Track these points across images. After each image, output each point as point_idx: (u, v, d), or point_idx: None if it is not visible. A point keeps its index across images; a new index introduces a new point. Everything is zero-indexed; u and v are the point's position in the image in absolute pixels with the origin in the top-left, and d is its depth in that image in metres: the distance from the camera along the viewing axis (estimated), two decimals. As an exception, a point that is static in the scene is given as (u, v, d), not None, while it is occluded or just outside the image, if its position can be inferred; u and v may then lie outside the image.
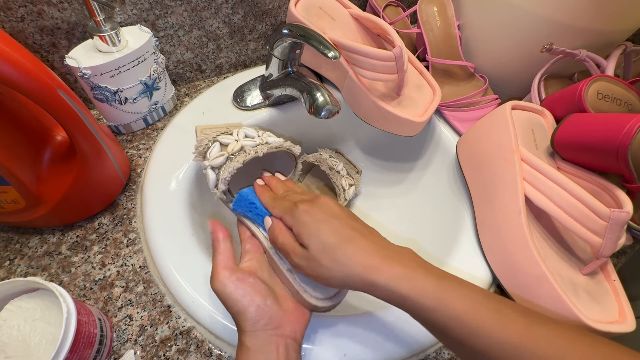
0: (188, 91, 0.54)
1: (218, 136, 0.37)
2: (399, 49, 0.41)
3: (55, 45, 0.43)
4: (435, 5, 0.57)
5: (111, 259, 0.38)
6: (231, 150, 0.35)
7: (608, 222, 0.33)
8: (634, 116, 0.33)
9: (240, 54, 0.57)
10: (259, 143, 0.36)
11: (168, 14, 0.47)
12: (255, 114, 0.50)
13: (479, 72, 0.56)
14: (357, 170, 0.58)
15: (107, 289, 0.36)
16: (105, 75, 0.41)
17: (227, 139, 0.36)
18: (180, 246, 0.38)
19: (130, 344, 0.33)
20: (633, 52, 0.48)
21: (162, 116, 0.50)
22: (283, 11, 0.55)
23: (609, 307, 0.35)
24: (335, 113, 0.40)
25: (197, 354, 0.33)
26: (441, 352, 0.35)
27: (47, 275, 0.37)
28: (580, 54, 0.45)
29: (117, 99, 0.44)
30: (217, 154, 0.35)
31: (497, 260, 0.40)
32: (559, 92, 0.44)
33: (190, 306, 0.35)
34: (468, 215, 0.45)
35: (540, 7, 0.45)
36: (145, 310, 0.35)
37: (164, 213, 0.40)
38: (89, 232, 0.40)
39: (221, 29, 0.52)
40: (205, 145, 0.36)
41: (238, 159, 0.34)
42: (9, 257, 0.38)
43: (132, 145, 0.47)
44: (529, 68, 0.51)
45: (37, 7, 0.40)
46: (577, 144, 0.38)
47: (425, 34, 0.56)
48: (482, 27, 0.54)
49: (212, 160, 0.35)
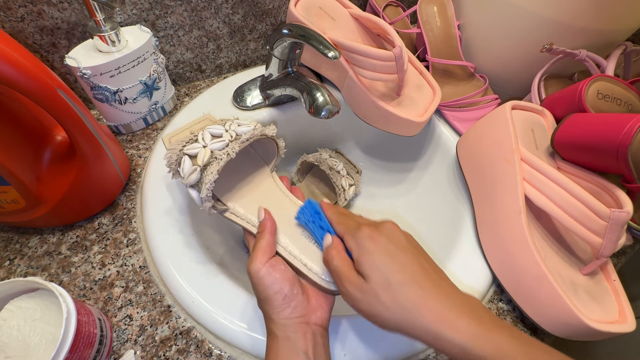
0: (188, 91, 0.54)
1: (184, 147, 0.33)
2: (399, 49, 0.41)
3: (55, 45, 0.43)
4: (435, 5, 0.57)
5: (111, 259, 0.38)
6: (201, 161, 0.31)
7: (608, 222, 0.33)
8: (634, 116, 0.33)
9: (240, 54, 0.57)
10: (228, 140, 0.33)
11: (168, 14, 0.47)
12: (255, 114, 0.50)
13: (479, 72, 0.56)
14: (357, 170, 0.58)
15: (107, 289, 0.36)
16: (105, 75, 0.41)
17: (193, 149, 0.33)
18: (180, 246, 0.38)
19: (130, 344, 0.33)
20: (633, 52, 0.48)
21: (162, 116, 0.50)
22: (283, 11, 0.55)
23: (609, 307, 0.35)
24: (335, 113, 0.40)
25: (197, 354, 0.33)
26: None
27: (47, 275, 0.37)
28: (580, 54, 0.45)
29: (117, 99, 0.44)
30: (190, 170, 0.32)
31: (497, 260, 0.40)
32: (559, 92, 0.44)
33: (190, 306, 0.35)
34: (468, 215, 0.45)
35: (540, 7, 0.45)
36: (145, 310, 0.35)
37: (163, 213, 0.40)
38: (89, 232, 0.40)
39: (221, 29, 0.52)
40: (175, 161, 0.33)
41: (211, 170, 0.31)
42: (8, 257, 0.38)
43: (132, 145, 0.47)
44: (529, 68, 0.51)
45: (37, 7, 0.40)
46: (577, 144, 0.38)
47: (425, 34, 0.56)
48: (482, 27, 0.54)
49: (187, 179, 0.32)
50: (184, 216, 0.40)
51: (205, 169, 0.32)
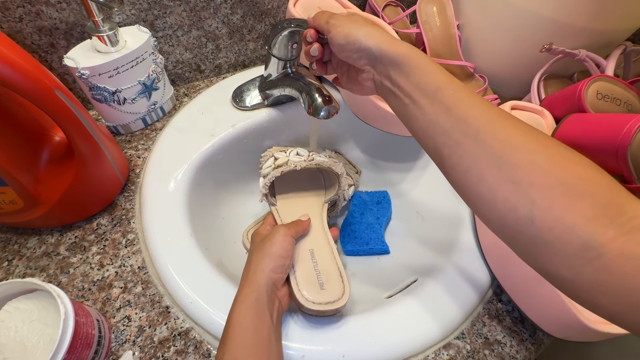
0: (187, 91, 0.54)
1: (275, 153, 0.44)
2: (398, 49, 0.41)
3: (53, 45, 0.43)
4: (434, 5, 0.56)
5: (110, 259, 0.38)
6: (278, 163, 0.42)
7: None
8: (633, 116, 0.33)
9: (239, 54, 0.57)
10: (305, 159, 0.42)
11: (167, 14, 0.47)
12: (254, 114, 0.50)
13: (478, 72, 0.56)
14: (357, 170, 0.57)
15: (105, 289, 0.36)
16: (103, 76, 0.41)
17: (280, 155, 0.43)
18: (179, 247, 0.38)
19: (129, 345, 0.33)
20: (633, 52, 0.48)
21: (160, 116, 0.50)
22: (282, 11, 0.55)
23: (609, 307, 0.35)
24: (335, 113, 0.40)
25: (196, 355, 0.33)
26: (440, 352, 0.35)
27: (46, 276, 0.36)
28: (580, 54, 0.45)
29: (115, 100, 0.44)
30: (268, 165, 0.43)
31: (496, 261, 0.39)
32: (559, 92, 0.44)
33: (188, 307, 0.35)
34: (467, 216, 0.45)
35: (540, 6, 0.45)
36: (143, 311, 0.35)
37: (162, 213, 0.40)
38: (87, 232, 0.40)
39: (220, 29, 0.52)
40: (266, 158, 0.45)
41: (279, 170, 0.41)
42: (7, 258, 0.37)
43: (131, 146, 0.47)
44: (528, 68, 0.51)
45: (35, 8, 0.40)
46: (576, 144, 0.38)
47: (424, 34, 0.56)
48: (482, 27, 0.54)
49: (263, 170, 0.43)
50: (183, 217, 0.40)
51: (276, 169, 0.41)
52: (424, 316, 0.36)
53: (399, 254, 0.50)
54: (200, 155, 0.45)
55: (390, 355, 0.34)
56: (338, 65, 0.36)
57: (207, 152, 0.46)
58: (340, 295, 0.35)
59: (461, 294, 0.38)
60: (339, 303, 0.34)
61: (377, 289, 0.44)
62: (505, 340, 0.37)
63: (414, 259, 0.47)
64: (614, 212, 0.19)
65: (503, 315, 0.38)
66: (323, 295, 0.34)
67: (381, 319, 0.36)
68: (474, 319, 0.38)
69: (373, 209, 0.52)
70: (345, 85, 0.36)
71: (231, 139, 0.48)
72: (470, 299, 0.38)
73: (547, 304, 0.34)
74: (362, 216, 0.52)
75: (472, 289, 0.39)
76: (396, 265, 0.48)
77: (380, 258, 0.50)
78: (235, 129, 0.48)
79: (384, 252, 0.50)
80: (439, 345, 0.36)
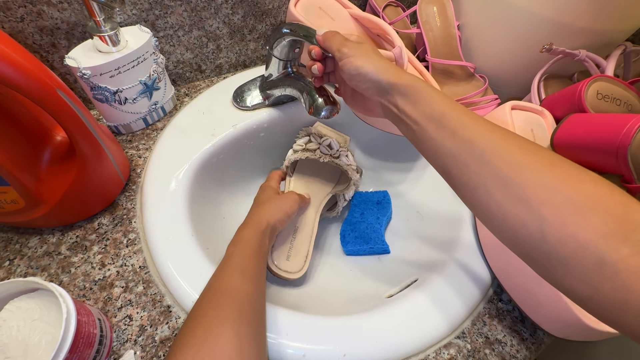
0: (188, 91, 0.54)
1: (313, 134, 0.48)
2: (398, 49, 0.41)
3: (55, 45, 0.43)
4: (435, 5, 0.57)
5: (111, 259, 0.38)
6: (309, 147, 0.47)
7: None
8: (633, 116, 0.33)
9: (240, 54, 0.57)
10: (331, 155, 0.47)
11: (168, 14, 0.47)
12: (255, 114, 0.50)
13: (478, 72, 0.56)
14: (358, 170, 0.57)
15: (106, 289, 0.36)
16: (105, 76, 0.41)
17: (314, 139, 0.48)
18: (180, 246, 0.38)
19: (130, 344, 0.33)
20: (633, 52, 0.48)
21: (161, 116, 0.50)
22: (283, 11, 0.55)
23: (609, 307, 0.35)
24: (335, 113, 0.40)
25: (197, 354, 0.33)
26: (441, 352, 0.35)
27: (47, 276, 0.37)
28: (580, 54, 0.45)
29: (116, 99, 0.44)
30: (299, 143, 0.47)
31: (496, 260, 0.39)
32: (559, 92, 0.44)
33: (190, 306, 0.35)
34: (467, 216, 0.45)
35: (540, 7, 0.45)
36: (145, 311, 0.35)
37: (163, 213, 0.40)
38: (88, 232, 0.40)
39: (221, 29, 0.52)
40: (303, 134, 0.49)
41: (303, 154, 0.46)
42: (8, 258, 0.38)
43: (132, 146, 0.47)
44: (528, 68, 0.51)
45: (36, 8, 0.40)
46: (576, 144, 0.38)
47: (425, 34, 0.56)
48: (482, 27, 0.54)
49: (296, 145, 0.47)
50: (184, 217, 0.40)
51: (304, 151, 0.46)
52: (428, 313, 0.36)
53: (399, 254, 0.50)
54: (201, 155, 0.45)
55: (391, 354, 0.34)
56: (342, 82, 0.38)
57: (208, 151, 0.46)
58: (297, 270, 0.43)
59: (464, 290, 0.38)
60: (294, 275, 0.42)
61: (378, 288, 0.44)
62: (505, 339, 0.37)
63: (415, 258, 0.47)
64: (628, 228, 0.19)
65: (503, 314, 0.38)
66: (285, 264, 0.43)
67: (382, 318, 0.36)
68: (475, 319, 0.38)
69: (373, 208, 0.52)
70: (350, 103, 0.39)
71: (232, 138, 0.48)
72: (474, 295, 0.38)
73: (547, 303, 0.34)
74: (363, 216, 0.52)
75: (475, 285, 0.39)
76: (396, 264, 0.48)
77: (380, 258, 0.50)
78: (236, 129, 0.48)
79: (384, 252, 0.50)
80: (440, 345, 0.36)
